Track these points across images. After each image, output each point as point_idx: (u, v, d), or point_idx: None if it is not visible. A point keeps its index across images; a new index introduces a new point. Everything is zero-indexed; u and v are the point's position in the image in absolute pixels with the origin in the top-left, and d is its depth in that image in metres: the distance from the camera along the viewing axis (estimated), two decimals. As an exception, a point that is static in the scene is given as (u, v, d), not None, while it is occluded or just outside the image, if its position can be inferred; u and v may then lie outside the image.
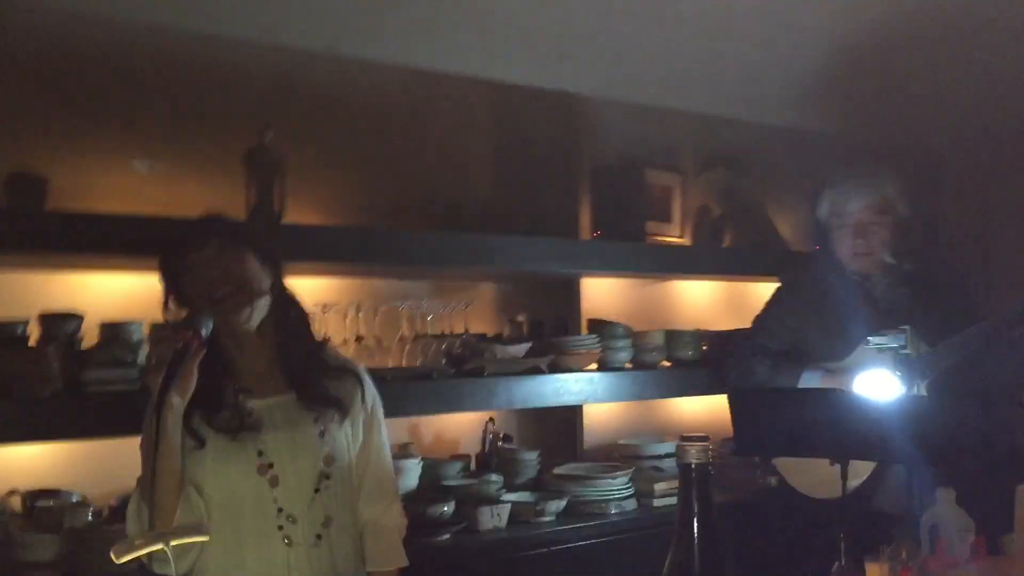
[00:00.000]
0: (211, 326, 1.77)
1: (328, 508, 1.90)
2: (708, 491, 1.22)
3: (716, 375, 3.17)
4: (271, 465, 1.86)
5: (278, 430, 1.89)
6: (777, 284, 3.17)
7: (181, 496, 1.78)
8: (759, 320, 3.10)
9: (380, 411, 2.09)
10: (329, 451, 1.92)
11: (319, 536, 1.88)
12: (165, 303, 1.93)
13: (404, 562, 2.07)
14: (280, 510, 1.86)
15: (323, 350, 2.08)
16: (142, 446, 1.85)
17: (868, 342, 2.71)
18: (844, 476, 2.02)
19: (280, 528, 1.85)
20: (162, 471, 1.71)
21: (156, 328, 2.36)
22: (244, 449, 1.85)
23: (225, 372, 1.88)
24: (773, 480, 2.96)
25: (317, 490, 1.89)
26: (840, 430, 2.01)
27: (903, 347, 2.63)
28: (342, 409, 1.97)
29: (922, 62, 3.37)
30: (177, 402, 1.71)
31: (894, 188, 2.96)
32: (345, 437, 1.97)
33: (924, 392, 2.65)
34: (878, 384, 2.62)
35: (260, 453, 1.86)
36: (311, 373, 1.98)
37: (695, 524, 1.19)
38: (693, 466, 1.20)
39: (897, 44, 3.20)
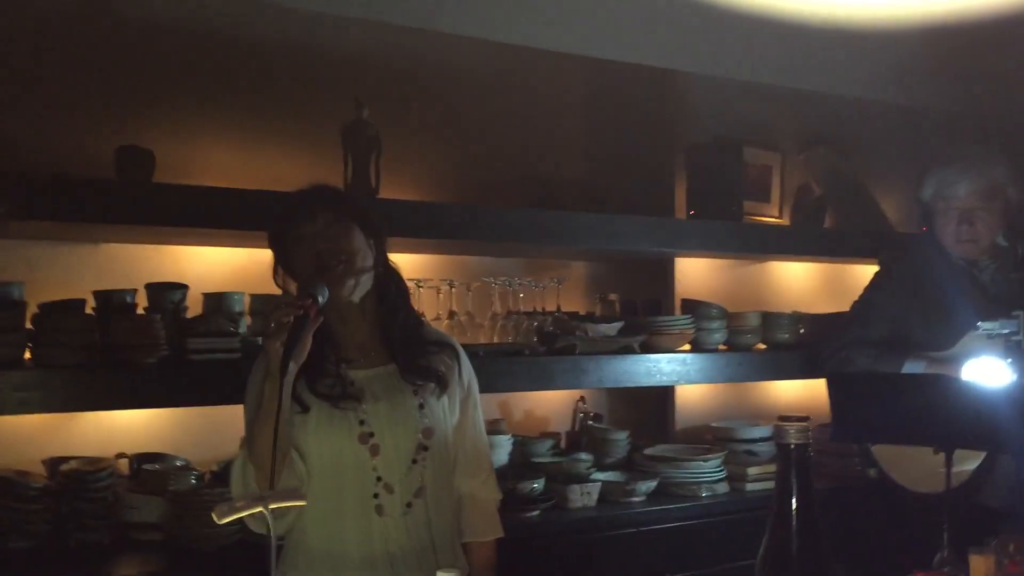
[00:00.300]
0: (327, 295, 1.80)
1: (423, 479, 1.92)
2: (807, 472, 1.18)
3: (813, 363, 3.09)
4: (372, 434, 1.88)
5: (379, 400, 1.92)
6: (876, 268, 3.07)
7: (287, 460, 1.81)
8: (857, 306, 3.00)
9: (476, 387, 2.10)
10: (428, 423, 1.94)
11: (409, 505, 1.90)
12: (275, 272, 1.96)
13: (500, 533, 2.09)
14: (379, 479, 1.88)
15: (422, 324, 2.10)
16: (247, 409, 1.89)
17: (978, 328, 2.60)
18: (949, 465, 1.94)
19: (376, 496, 1.88)
20: (272, 434, 1.73)
21: (270, 297, 2.43)
22: (346, 417, 1.88)
23: (326, 342, 1.91)
24: (872, 471, 2.88)
25: (414, 461, 1.91)
26: (946, 417, 1.93)
27: (1015, 333, 2.52)
28: (442, 382, 1.99)
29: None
30: (292, 367, 1.74)
31: (1004, 172, 2.82)
32: (443, 410, 1.99)
33: (1036, 381, 2.53)
34: (987, 372, 2.51)
35: (362, 422, 1.89)
36: (411, 346, 1.99)
37: (793, 505, 1.16)
38: (792, 446, 1.17)
39: (1015, 16, 3.04)
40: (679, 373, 3.11)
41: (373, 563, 1.87)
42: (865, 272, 3.14)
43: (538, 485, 2.79)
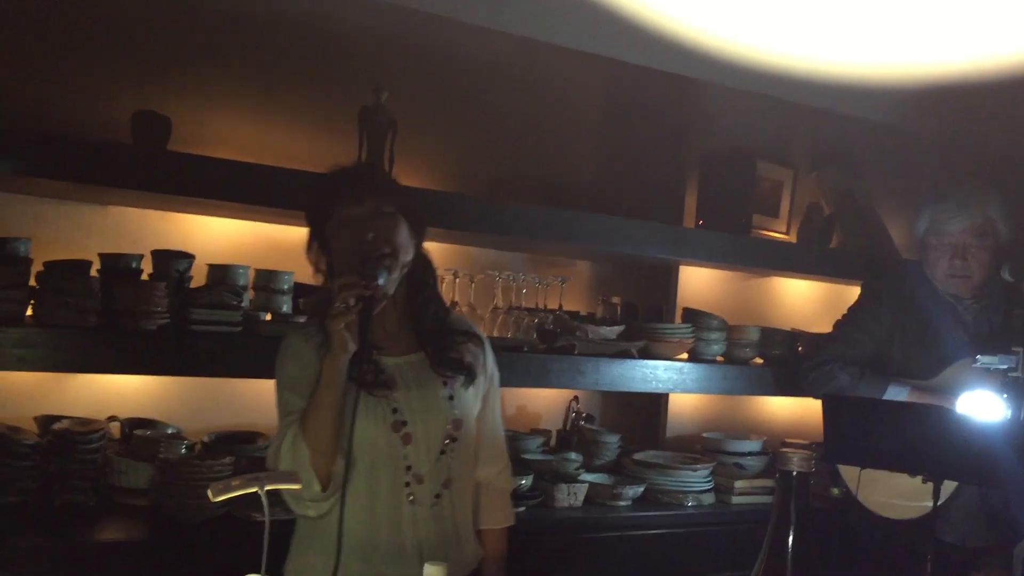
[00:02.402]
0: (387, 278, 1.80)
1: (450, 470, 1.92)
2: (806, 500, 1.19)
3: (792, 376, 3.10)
4: (405, 423, 1.87)
5: (410, 389, 1.90)
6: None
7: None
8: (842, 324, 3.02)
9: (498, 378, 2.09)
10: (458, 415, 1.93)
11: (438, 496, 1.90)
12: (308, 248, 1.94)
13: (512, 521, 2.10)
14: (409, 468, 1.87)
15: (449, 313, 2.09)
16: (286, 388, 1.87)
17: (976, 361, 2.61)
18: (937, 496, 1.95)
19: (407, 485, 1.87)
20: (334, 413, 1.75)
21: (274, 273, 2.44)
22: (380, 405, 1.86)
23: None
24: (836, 491, 2.88)
25: (443, 452, 1.90)
26: (940, 448, 1.94)
27: (1012, 369, 2.53)
28: (471, 374, 1.98)
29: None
30: (352, 348, 1.75)
31: (998, 210, 2.83)
32: (469, 402, 1.98)
33: (1028, 418, 2.54)
34: (982, 406, 2.53)
35: (395, 410, 1.87)
36: (441, 336, 1.98)
37: (791, 532, 1.16)
38: (794, 474, 1.18)
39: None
40: (675, 381, 3.11)
41: (403, 551, 1.86)
42: (867, 296, 3.15)
43: (526, 482, 2.80)
